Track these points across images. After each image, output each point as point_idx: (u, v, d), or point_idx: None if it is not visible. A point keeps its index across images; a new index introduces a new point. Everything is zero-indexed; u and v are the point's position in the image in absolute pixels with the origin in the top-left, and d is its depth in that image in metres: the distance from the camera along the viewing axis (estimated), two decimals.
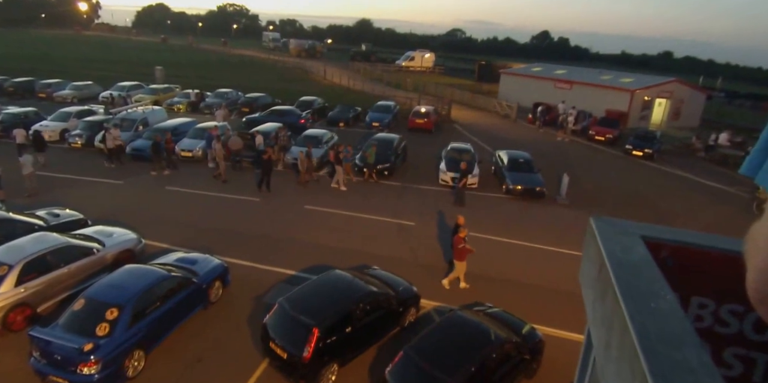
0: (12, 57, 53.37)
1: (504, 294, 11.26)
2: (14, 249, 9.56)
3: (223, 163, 18.11)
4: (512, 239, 14.32)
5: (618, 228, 2.05)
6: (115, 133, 19.34)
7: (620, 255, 1.66)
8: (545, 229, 15.30)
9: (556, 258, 13.40)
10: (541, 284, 11.98)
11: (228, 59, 68.90)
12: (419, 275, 11.62)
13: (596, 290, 1.75)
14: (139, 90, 33.51)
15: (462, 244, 11.11)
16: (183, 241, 12.90)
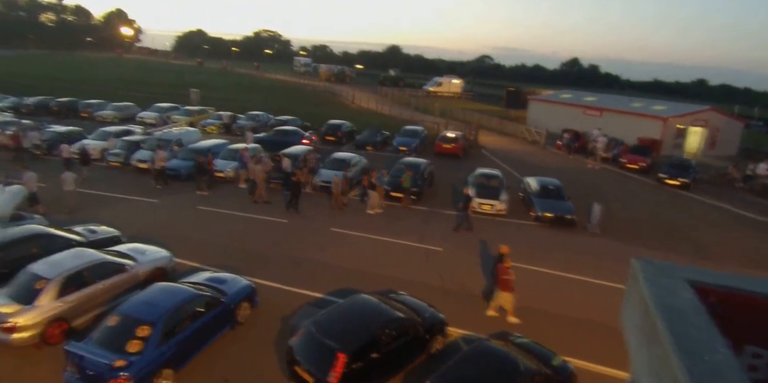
0: (57, 78, 56.37)
1: (534, 324, 10.99)
2: (54, 264, 9.90)
3: (262, 184, 18.39)
4: (542, 267, 14.04)
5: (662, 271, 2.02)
6: (161, 154, 19.95)
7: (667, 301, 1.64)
8: (576, 258, 14.96)
9: (588, 289, 13.06)
10: (573, 314, 11.65)
11: (260, 83, 71.07)
12: (446, 302, 11.47)
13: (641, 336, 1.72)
14: (175, 111, 34.80)
15: (508, 274, 10.91)
16: (212, 260, 13.11)
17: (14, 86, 44.08)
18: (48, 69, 68.42)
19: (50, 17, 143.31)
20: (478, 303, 11.92)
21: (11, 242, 11.08)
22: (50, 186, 17.84)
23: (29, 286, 9.35)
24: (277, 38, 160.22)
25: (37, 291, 9.22)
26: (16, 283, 9.52)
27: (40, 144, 23.68)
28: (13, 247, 10.97)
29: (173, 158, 21.64)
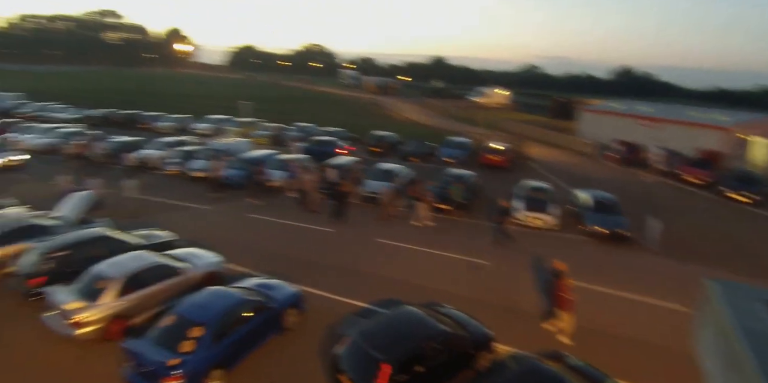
0: (120, 92, 60.05)
1: (584, 344, 10.53)
2: (117, 265, 10.45)
3: (315, 194, 18.72)
4: (594, 285, 13.46)
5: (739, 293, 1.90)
6: (218, 164, 20.85)
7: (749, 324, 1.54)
8: (631, 276, 14.28)
9: (644, 309, 12.41)
10: (627, 335, 11.09)
11: (307, 95, 72.92)
12: (492, 317, 11.19)
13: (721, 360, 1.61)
14: (227, 123, 36.24)
15: (568, 293, 10.52)
16: (260, 266, 13.42)
17: (82, 100, 47.34)
18: (112, 84, 73.05)
19: (114, 36, 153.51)
20: (527, 319, 11.58)
21: (79, 243, 11.77)
22: (113, 192, 18.92)
23: (94, 285, 9.90)
24: (324, 52, 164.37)
25: (100, 289, 9.76)
26: (82, 282, 10.11)
27: (105, 153, 25.20)
28: (81, 248, 11.64)
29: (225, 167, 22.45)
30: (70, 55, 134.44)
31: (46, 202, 16.58)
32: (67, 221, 14.01)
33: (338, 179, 19.56)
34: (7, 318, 10.63)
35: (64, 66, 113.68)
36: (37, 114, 39.79)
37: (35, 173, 22.52)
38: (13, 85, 54.71)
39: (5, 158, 22.99)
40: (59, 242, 11.67)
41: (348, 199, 18.29)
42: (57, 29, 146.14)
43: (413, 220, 17.78)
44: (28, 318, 10.29)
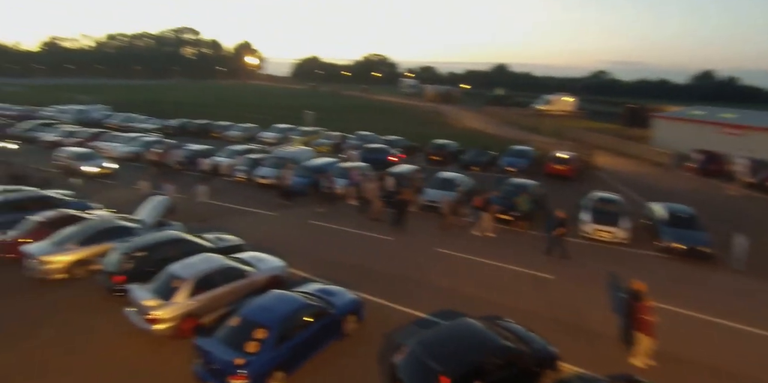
0: (194, 103, 63.96)
1: (659, 369, 9.81)
2: (189, 266, 11.05)
3: (377, 202, 18.84)
4: (670, 305, 12.53)
5: None
6: (287, 172, 21.49)
7: None
8: (714, 297, 13.18)
9: (729, 334, 11.39)
10: (708, 362, 10.21)
11: (368, 104, 74.12)
12: (555, 334, 10.72)
13: None
14: (291, 132, 37.56)
15: (647, 315, 9.86)
16: (321, 272, 13.69)
17: (161, 111, 50.90)
18: (187, 96, 78.00)
19: (191, 51, 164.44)
20: (594, 338, 10.98)
21: (156, 245, 12.59)
22: (186, 197, 20.08)
23: (168, 284, 10.53)
24: (385, 61, 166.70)
25: (174, 289, 10.35)
26: (158, 281, 10.78)
27: (181, 161, 26.86)
28: (157, 249, 12.45)
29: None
30: (150, 70, 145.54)
31: (129, 205, 17.91)
32: (145, 224, 15.03)
33: (397, 188, 19.64)
34: (95, 310, 11.56)
35: (145, 80, 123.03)
36: (121, 124, 43.24)
37: (120, 179, 24.41)
38: (102, 98, 59.95)
39: (99, 167, 25.07)
40: (138, 243, 12.53)
41: (407, 207, 18.30)
42: (139, 46, 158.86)
43: (476, 230, 17.45)
44: (113, 312, 11.12)
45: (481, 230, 17.29)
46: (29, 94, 75.57)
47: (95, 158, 25.77)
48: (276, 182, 21.93)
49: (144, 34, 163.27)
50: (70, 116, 46.94)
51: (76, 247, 13.25)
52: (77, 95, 63.73)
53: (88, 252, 13.29)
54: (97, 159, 25.56)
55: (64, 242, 13.34)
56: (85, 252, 13.26)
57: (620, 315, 11.15)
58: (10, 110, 52.71)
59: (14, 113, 51.22)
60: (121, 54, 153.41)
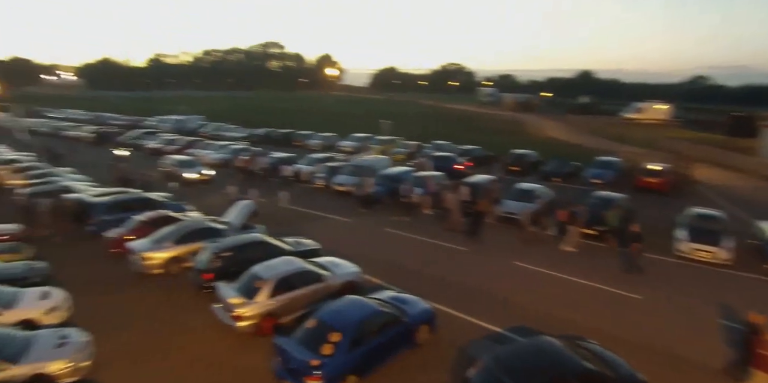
0: (278, 113, 67.39)
1: None
2: (270, 268, 11.60)
3: (457, 212, 18.55)
4: None
5: None
6: (369, 181, 21.84)
7: None
8: None
9: None
10: None
11: (444, 113, 73.87)
12: (644, 361, 9.90)
13: None
14: (369, 141, 38.35)
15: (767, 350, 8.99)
16: (395, 280, 13.75)
17: (248, 120, 54.23)
18: (272, 106, 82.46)
19: (276, 64, 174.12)
20: (685, 367, 10.04)
21: (241, 246, 13.36)
22: (268, 202, 21.14)
23: (251, 284, 11.11)
24: (462, 70, 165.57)
25: (257, 289, 10.90)
26: (242, 280, 11.41)
27: (265, 167, 28.38)
28: (242, 250, 13.19)
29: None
30: (239, 82, 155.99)
31: (218, 208, 19.19)
32: (232, 226, 16.00)
33: (473, 198, 19.29)
34: (186, 304, 12.51)
35: (235, 92, 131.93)
36: (213, 133, 46.63)
37: (211, 184, 26.24)
38: (197, 109, 65.07)
39: (199, 173, 27.08)
40: (225, 244, 13.37)
41: (484, 218, 17.92)
42: (231, 61, 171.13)
43: (561, 245, 16.60)
44: (202, 307, 11.93)
45: (566, 245, 16.47)
46: (136, 105, 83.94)
47: (195, 165, 27.72)
48: (356, 190, 22.37)
49: (235, 49, 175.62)
50: (170, 125, 51.52)
51: (171, 245, 14.42)
52: (177, 106, 69.72)
53: (181, 250, 14.41)
54: (197, 166, 27.50)
55: (162, 241, 14.57)
56: (179, 250, 14.39)
57: (734, 348, 10.13)
58: (120, 120, 58.94)
59: (124, 122, 57.20)
60: (215, 68, 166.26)
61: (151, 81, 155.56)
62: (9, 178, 25.76)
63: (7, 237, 16.13)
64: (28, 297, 11.41)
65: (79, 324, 10.99)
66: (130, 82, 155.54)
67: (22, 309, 10.95)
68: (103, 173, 27.61)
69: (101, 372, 9.65)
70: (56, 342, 9.49)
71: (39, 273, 13.16)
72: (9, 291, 11.44)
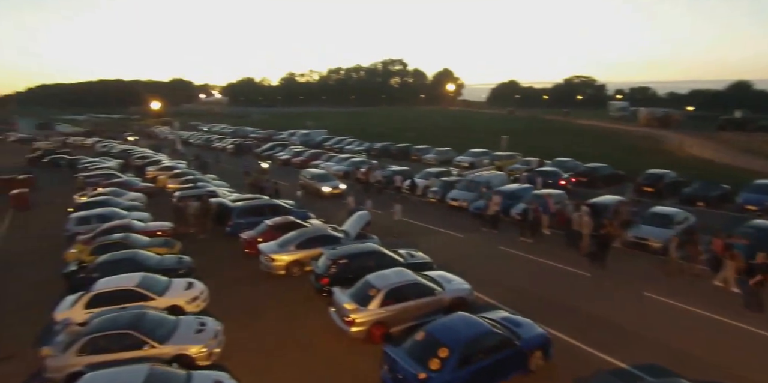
0: (397, 128, 69.33)
1: None
2: (383, 277, 11.88)
3: (586, 234, 17.08)
4: None
5: None
6: (496, 199, 20.53)
7: None
8: None
9: None
10: None
11: (570, 129, 69.84)
12: None
13: None
14: (485, 156, 37.69)
15: None
16: (508, 301, 13.21)
17: (368, 135, 56.65)
18: (392, 121, 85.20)
19: (396, 80, 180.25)
20: None
21: (356, 254, 13.92)
22: (382, 213, 21.74)
23: (365, 292, 11.48)
24: (590, 83, 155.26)
25: (370, 296, 11.23)
26: (357, 287, 11.85)
27: (382, 180, 29.33)
28: (357, 258, 13.74)
29: (480, 198, 23.27)
30: (361, 99, 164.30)
31: (336, 217, 20.25)
32: (349, 235, 16.74)
33: (599, 220, 17.81)
34: (305, 305, 13.36)
35: (357, 108, 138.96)
36: (335, 146, 49.51)
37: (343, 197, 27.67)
38: (322, 124, 69.68)
39: (335, 187, 27.97)
40: (342, 251, 14.03)
41: (611, 243, 16.48)
42: (354, 78, 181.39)
43: (717, 280, 14.44)
44: (319, 309, 12.66)
45: (722, 281, 14.30)
46: (271, 120, 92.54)
47: (331, 179, 28.78)
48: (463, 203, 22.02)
49: (358, 67, 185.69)
50: (298, 138, 55.88)
51: (294, 249, 15.52)
52: (305, 122, 75.44)
53: (302, 255, 15.45)
54: (333, 181, 28.51)
55: (286, 244, 15.76)
56: (300, 254, 15.44)
57: None
58: (257, 133, 65.43)
59: (260, 135, 63.39)
60: (339, 86, 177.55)
61: (284, 98, 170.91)
62: (167, 182, 29.96)
63: (162, 233, 18.70)
64: (176, 286, 13.08)
65: (214, 313, 12.28)
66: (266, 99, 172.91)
67: (171, 296, 12.58)
68: (239, 180, 30.80)
69: (227, 359, 10.64)
70: (196, 328, 10.71)
71: (185, 266, 15.03)
72: (163, 280, 13.24)
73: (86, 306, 11.90)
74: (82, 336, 10.01)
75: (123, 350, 9.86)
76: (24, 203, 27.62)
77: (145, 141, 62.47)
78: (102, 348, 9.85)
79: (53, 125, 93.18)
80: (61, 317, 11.73)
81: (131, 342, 9.93)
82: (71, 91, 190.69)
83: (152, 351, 9.92)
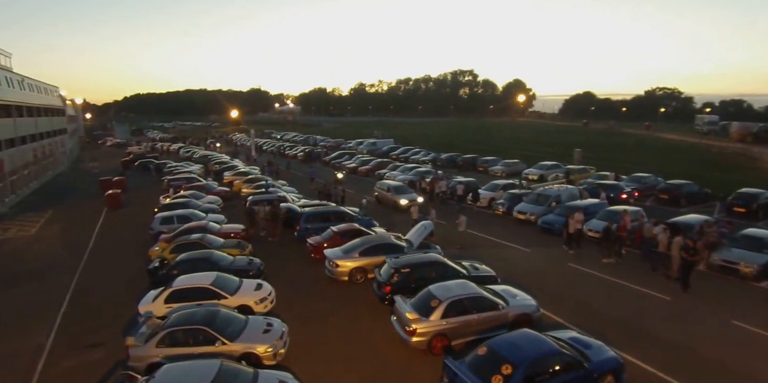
0: (465, 139, 68.62)
1: None
2: (446, 289, 11.75)
3: (676, 256, 15.62)
4: None
5: None
6: (578, 217, 19.13)
7: None
8: None
9: None
10: None
11: (651, 143, 65.77)
12: None
13: None
14: (556, 169, 36.30)
15: None
16: (577, 321, 12.58)
17: (435, 145, 56.57)
18: (459, 132, 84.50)
19: (465, 91, 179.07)
20: None
21: (419, 264, 13.88)
22: (446, 224, 21.54)
23: (427, 302, 11.40)
24: (675, 95, 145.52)
25: (432, 307, 11.14)
26: (419, 297, 11.79)
27: (446, 191, 29.12)
28: (419, 268, 13.70)
29: (550, 213, 22.43)
30: (429, 109, 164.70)
31: (402, 226, 20.33)
32: (411, 245, 16.75)
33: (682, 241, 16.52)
34: (367, 312, 13.50)
35: (425, 118, 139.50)
36: (402, 155, 49.86)
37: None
38: (390, 133, 70.52)
39: (412, 200, 26.04)
40: (405, 261, 14.06)
41: (695, 265, 15.25)
42: (422, 89, 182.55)
43: None
44: (380, 316, 12.76)
45: None
46: (340, 129, 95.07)
47: (409, 192, 27.70)
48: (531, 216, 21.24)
49: (427, 77, 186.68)
50: (365, 147, 56.92)
51: (358, 256, 15.77)
52: (373, 131, 76.75)
53: (366, 262, 15.65)
54: (410, 193, 27.44)
55: (350, 251, 16.04)
56: (364, 261, 15.66)
57: None
58: (326, 142, 67.48)
59: (329, 144, 65.31)
60: (407, 96, 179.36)
61: (353, 108, 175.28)
62: (242, 187, 31.59)
63: (234, 235, 19.69)
64: (246, 287, 13.71)
65: (279, 315, 12.72)
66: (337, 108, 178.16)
67: (241, 296, 13.18)
68: (307, 186, 31.82)
69: (290, 361, 10.95)
70: (264, 328, 11.14)
71: (255, 268, 15.71)
72: (235, 280, 13.93)
73: (166, 301, 12.76)
74: (161, 329, 10.74)
75: (197, 345, 10.45)
76: (117, 202, 30.26)
77: (224, 147, 66.40)
78: (178, 342, 10.50)
79: (144, 131, 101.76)
80: (144, 310, 12.65)
81: (204, 338, 10.51)
82: (161, 100, 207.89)
83: (223, 348, 10.43)
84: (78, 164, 58.16)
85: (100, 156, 59.94)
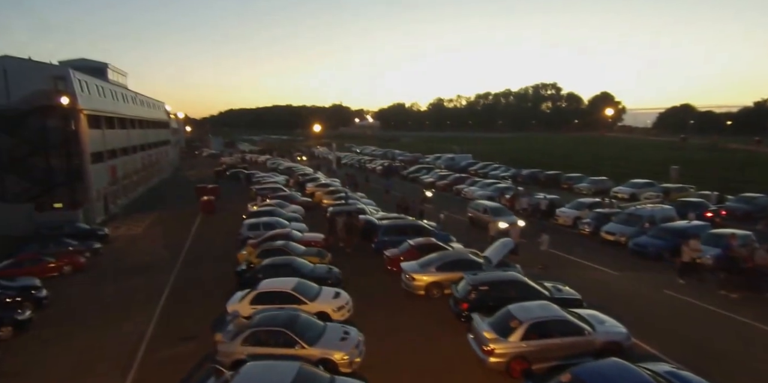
0: (548, 155, 66.06)
1: None
2: (527, 310, 11.28)
3: None
4: None
5: None
6: (694, 244, 17.17)
7: None
8: None
9: None
10: None
11: (763, 160, 59.18)
12: None
13: None
14: (650, 188, 33.79)
15: None
16: (674, 354, 11.47)
17: (516, 160, 55.01)
18: (541, 147, 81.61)
19: (548, 105, 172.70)
20: None
21: (498, 282, 13.50)
22: (527, 242, 20.76)
23: (506, 322, 11.01)
24: None
25: (511, 328, 10.74)
26: (498, 317, 11.42)
27: (527, 208, 28.16)
28: (498, 287, 13.30)
29: (642, 234, 20.87)
30: (509, 124, 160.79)
31: (479, 243, 19.92)
32: (490, 262, 16.31)
33: None
34: (443, 328, 13.28)
35: (505, 133, 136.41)
36: (480, 171, 49.01)
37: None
38: (468, 149, 69.70)
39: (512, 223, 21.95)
40: (483, 278, 13.73)
41: None
42: (502, 103, 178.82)
43: None
44: (456, 333, 12.48)
45: None
46: (418, 144, 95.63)
47: (508, 214, 24.85)
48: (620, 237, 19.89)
49: (507, 92, 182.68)
50: (443, 162, 56.70)
51: (435, 271, 15.65)
52: (450, 146, 76.35)
53: (443, 277, 15.47)
54: (509, 215, 24.38)
55: (427, 265, 15.96)
56: (440, 276, 15.49)
57: None
58: (404, 156, 68.16)
59: (407, 158, 65.91)
60: (487, 110, 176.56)
61: (431, 122, 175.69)
62: (323, 198, 32.75)
63: (315, 244, 20.39)
64: (325, 294, 14.11)
65: (356, 324, 12.90)
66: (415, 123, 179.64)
67: (320, 303, 13.59)
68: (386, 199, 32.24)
69: (365, 370, 11.03)
70: (341, 336, 11.37)
71: (334, 276, 16.14)
72: (315, 287, 14.39)
73: (252, 302, 13.49)
74: (247, 328, 11.34)
75: (278, 346, 10.90)
76: (210, 208, 32.69)
77: (308, 160, 69.48)
78: (261, 342, 11.03)
79: (236, 143, 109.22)
80: (231, 309, 13.46)
81: (285, 340, 10.93)
82: (252, 115, 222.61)
83: (301, 351, 10.77)
84: (178, 172, 63.64)
85: (197, 165, 65.19)
